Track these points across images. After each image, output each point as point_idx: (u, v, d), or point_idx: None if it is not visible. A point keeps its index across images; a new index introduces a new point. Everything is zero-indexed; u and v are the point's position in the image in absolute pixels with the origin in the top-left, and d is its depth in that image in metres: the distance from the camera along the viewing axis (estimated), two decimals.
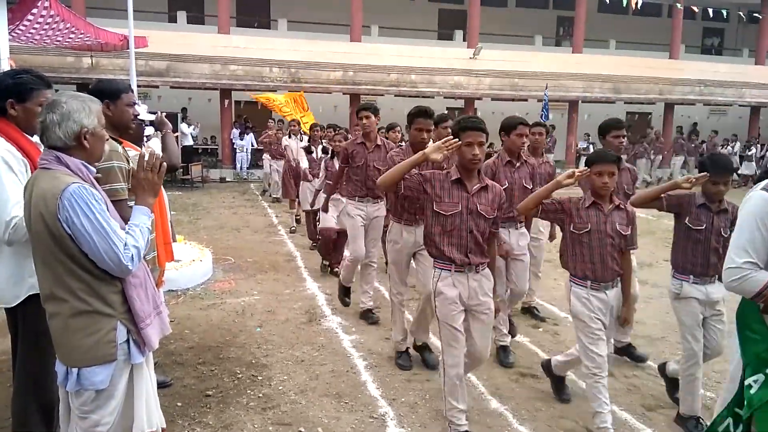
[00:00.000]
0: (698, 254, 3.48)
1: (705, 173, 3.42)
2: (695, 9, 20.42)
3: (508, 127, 4.46)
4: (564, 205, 3.39)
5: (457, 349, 3.21)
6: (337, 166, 6.09)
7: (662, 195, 3.59)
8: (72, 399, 2.15)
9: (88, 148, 2.13)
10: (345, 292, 5.55)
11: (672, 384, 3.87)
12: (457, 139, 3.12)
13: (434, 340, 4.32)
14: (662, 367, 4.02)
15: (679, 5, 20.59)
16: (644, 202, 3.63)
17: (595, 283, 3.31)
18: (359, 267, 5.41)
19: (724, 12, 19.96)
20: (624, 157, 4.38)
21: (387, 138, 6.16)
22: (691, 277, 3.50)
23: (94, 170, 2.20)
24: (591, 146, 19.68)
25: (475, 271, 3.23)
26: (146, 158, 2.27)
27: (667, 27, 22.45)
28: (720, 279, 3.41)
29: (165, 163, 2.35)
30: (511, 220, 4.40)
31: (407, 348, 4.41)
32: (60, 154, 2.07)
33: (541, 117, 15.91)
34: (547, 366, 3.94)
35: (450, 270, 3.22)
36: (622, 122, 4.49)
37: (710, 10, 20.08)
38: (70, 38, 9.60)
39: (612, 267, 3.31)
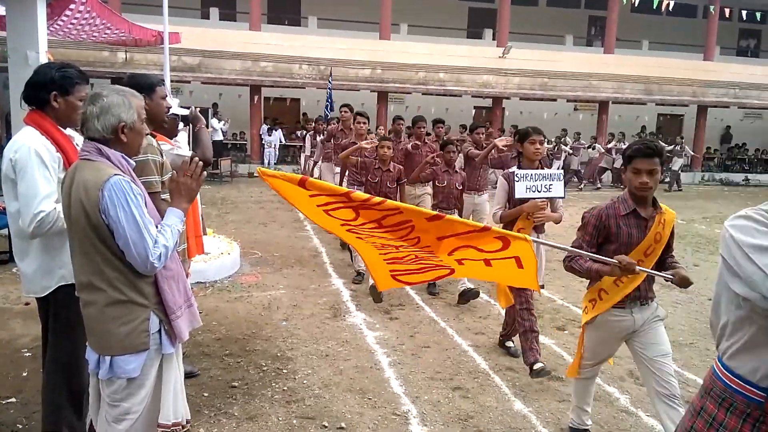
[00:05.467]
0: None
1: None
2: (728, 10, 19.97)
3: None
4: None
5: None
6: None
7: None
8: (103, 387, 2.19)
9: (126, 142, 2.17)
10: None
11: None
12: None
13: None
14: None
15: (712, 8, 20.14)
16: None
17: None
18: None
19: (758, 14, 19.47)
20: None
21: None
22: None
23: (134, 164, 2.24)
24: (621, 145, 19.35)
25: None
26: (189, 164, 2.28)
27: (702, 28, 22.02)
28: None
29: (205, 173, 2.37)
30: None
31: None
32: (101, 146, 2.12)
33: (325, 109, 14.99)
34: None
35: None
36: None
37: (744, 12, 19.63)
38: (105, 34, 9.83)
39: None
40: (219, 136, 17.22)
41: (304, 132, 13.15)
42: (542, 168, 4.27)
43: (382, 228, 2.78)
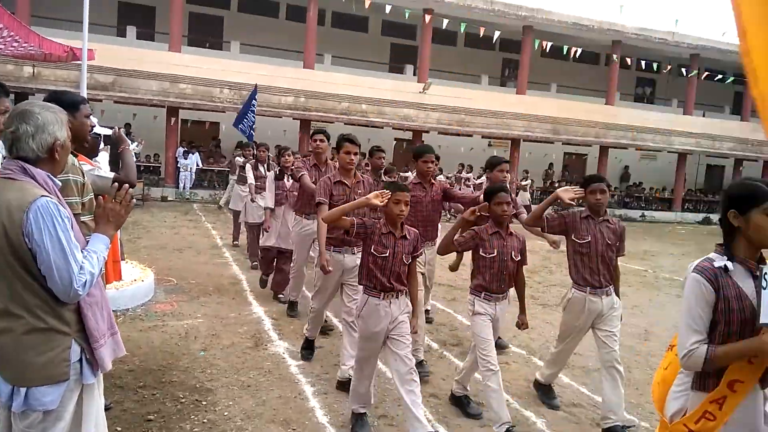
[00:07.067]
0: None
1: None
2: (629, 59, 21.77)
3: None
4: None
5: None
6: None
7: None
8: (16, 420, 2.04)
9: (58, 160, 2.10)
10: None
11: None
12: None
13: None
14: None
15: (615, 56, 21.88)
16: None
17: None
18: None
19: (655, 65, 21.36)
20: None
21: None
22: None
23: (60, 183, 2.14)
24: (531, 182, 20.35)
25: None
26: (118, 190, 2.21)
27: (604, 75, 23.80)
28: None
29: (134, 200, 2.31)
30: None
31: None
32: (26, 165, 2.01)
33: (243, 127, 13.85)
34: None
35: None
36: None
37: (643, 63, 21.43)
38: (12, 47, 9.25)
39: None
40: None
41: (241, 159, 10.11)
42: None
43: None
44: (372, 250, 3.52)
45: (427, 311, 6.08)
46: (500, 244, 3.85)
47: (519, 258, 3.92)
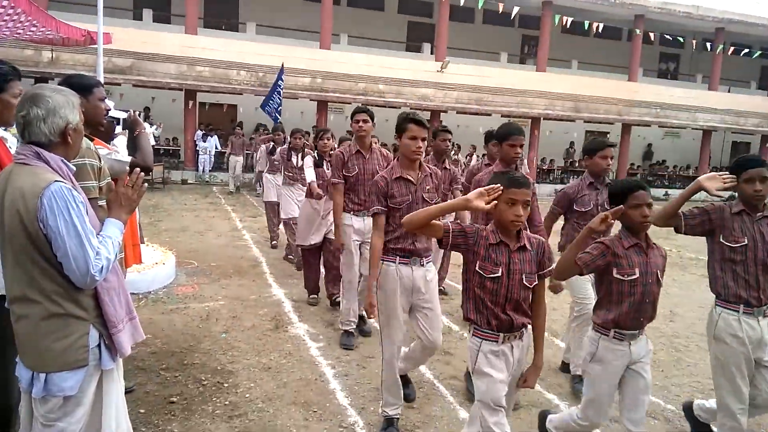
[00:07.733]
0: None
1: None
2: (652, 34, 21.23)
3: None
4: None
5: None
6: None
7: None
8: (37, 406, 2.05)
9: (71, 144, 2.07)
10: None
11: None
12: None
13: None
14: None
15: (637, 31, 21.35)
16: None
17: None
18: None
19: (680, 39, 20.80)
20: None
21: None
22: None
23: (74, 168, 2.12)
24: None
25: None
26: (130, 174, 2.20)
27: (626, 50, 23.24)
28: None
29: (146, 184, 2.29)
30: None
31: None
32: (40, 150, 1.98)
33: (269, 109, 13.49)
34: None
35: None
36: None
37: (667, 37, 20.89)
38: (31, 31, 9.28)
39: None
40: (151, 141, 16.65)
41: (271, 144, 8.98)
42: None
43: None
44: (478, 269, 2.55)
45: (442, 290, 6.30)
46: (642, 262, 2.81)
47: (662, 276, 2.93)
